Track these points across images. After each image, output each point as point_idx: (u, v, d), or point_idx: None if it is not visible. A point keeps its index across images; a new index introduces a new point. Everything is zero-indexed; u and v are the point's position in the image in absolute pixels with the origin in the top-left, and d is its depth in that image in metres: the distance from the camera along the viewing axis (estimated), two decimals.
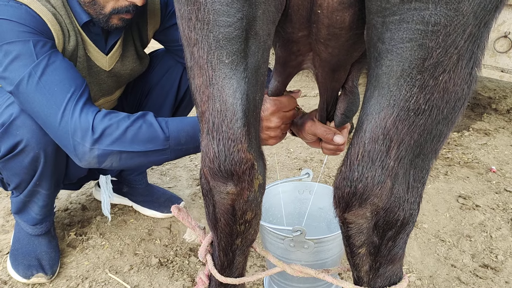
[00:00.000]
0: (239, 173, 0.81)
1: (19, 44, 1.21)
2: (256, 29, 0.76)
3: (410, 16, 0.66)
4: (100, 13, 1.31)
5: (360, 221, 0.81)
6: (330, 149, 1.21)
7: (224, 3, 0.72)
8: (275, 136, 1.18)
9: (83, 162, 1.23)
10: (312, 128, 1.18)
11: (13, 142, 1.30)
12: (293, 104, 1.16)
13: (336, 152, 1.22)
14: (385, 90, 0.72)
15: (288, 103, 1.14)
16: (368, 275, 0.90)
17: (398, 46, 0.69)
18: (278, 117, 1.14)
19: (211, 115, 0.79)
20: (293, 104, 1.16)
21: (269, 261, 1.40)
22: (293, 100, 1.16)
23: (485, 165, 2.42)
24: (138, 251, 1.69)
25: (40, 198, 1.48)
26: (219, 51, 0.75)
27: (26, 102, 1.23)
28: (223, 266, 1.00)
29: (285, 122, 1.17)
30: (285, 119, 1.16)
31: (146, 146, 1.24)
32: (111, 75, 1.53)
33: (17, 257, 1.56)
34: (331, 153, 1.22)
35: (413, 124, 0.73)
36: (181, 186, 2.18)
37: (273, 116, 1.13)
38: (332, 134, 1.14)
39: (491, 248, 1.74)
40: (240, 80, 0.77)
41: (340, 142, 1.14)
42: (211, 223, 0.94)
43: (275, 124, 1.14)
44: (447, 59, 0.69)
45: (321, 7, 0.78)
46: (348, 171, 0.77)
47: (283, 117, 1.15)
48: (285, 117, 1.16)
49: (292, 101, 1.15)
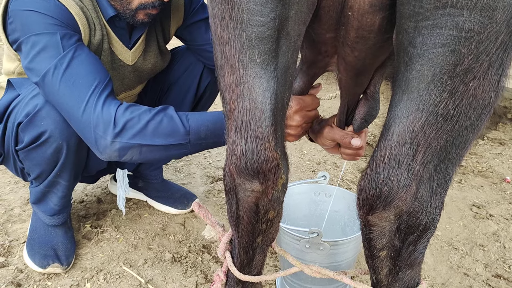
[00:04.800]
0: (265, 171, 0.82)
1: (47, 36, 1.23)
2: (288, 29, 0.77)
3: (443, 21, 0.67)
4: (127, 8, 1.33)
5: (383, 224, 0.81)
6: (349, 154, 1.21)
7: (258, 2, 0.73)
8: (295, 134, 1.18)
9: (104, 155, 1.25)
10: (330, 134, 1.19)
11: (37, 132, 1.32)
12: (316, 104, 1.17)
13: (355, 157, 1.22)
14: (415, 94, 0.72)
15: (312, 102, 1.15)
16: (387, 279, 0.90)
17: (430, 51, 0.69)
18: (301, 116, 1.14)
19: (240, 113, 0.80)
20: (316, 104, 1.17)
21: (284, 261, 1.41)
22: (316, 100, 1.16)
23: (500, 175, 2.41)
24: (152, 246, 1.71)
25: (60, 189, 1.50)
26: (251, 50, 0.76)
27: (50, 94, 1.25)
28: (242, 264, 1.00)
29: (307, 121, 1.17)
30: (307, 118, 1.16)
31: (167, 139, 1.25)
32: (133, 69, 1.55)
33: (33, 246, 1.58)
34: (350, 158, 1.23)
35: (440, 129, 0.74)
36: (195, 183, 2.19)
37: (295, 115, 1.14)
38: (349, 137, 1.14)
39: (504, 258, 1.74)
40: (270, 80, 0.78)
41: (357, 145, 1.14)
42: (233, 220, 0.95)
43: (297, 122, 1.15)
44: (478, 66, 0.69)
45: (351, 9, 0.78)
46: (374, 174, 0.78)
47: (305, 116, 1.15)
48: (307, 116, 1.16)
49: (316, 101, 1.16)
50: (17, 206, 1.91)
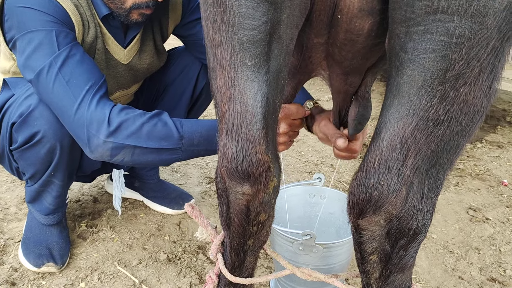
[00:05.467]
0: (255, 174, 0.82)
1: (42, 33, 1.22)
2: (280, 33, 0.77)
3: (434, 27, 0.67)
4: (121, 7, 1.33)
5: (373, 228, 0.81)
6: (339, 153, 1.21)
7: (250, 6, 0.73)
8: (283, 142, 1.18)
9: (96, 153, 1.23)
10: (324, 128, 1.19)
11: (30, 132, 1.32)
12: (301, 114, 1.16)
13: (348, 157, 1.22)
14: (405, 99, 0.72)
15: (297, 111, 1.15)
16: (377, 283, 0.90)
17: (421, 56, 0.69)
18: (286, 124, 1.14)
19: (231, 116, 0.80)
20: (301, 114, 1.16)
21: (277, 263, 1.41)
22: (301, 110, 1.16)
23: (497, 178, 2.41)
24: (147, 246, 1.71)
25: (54, 189, 1.50)
26: (242, 53, 0.76)
27: (44, 92, 1.24)
28: (233, 266, 1.00)
29: (293, 130, 1.17)
30: (293, 126, 1.16)
31: (161, 143, 1.25)
32: (128, 68, 1.55)
33: (28, 245, 1.58)
34: (341, 157, 1.22)
35: (431, 134, 0.73)
36: (192, 184, 2.19)
37: (281, 122, 1.14)
38: (336, 137, 1.14)
39: (499, 262, 1.73)
40: (262, 83, 0.78)
41: (340, 145, 1.12)
42: (224, 222, 0.95)
43: (283, 130, 1.15)
44: (469, 72, 0.69)
45: (341, 12, 0.79)
46: (364, 178, 0.77)
47: (291, 124, 1.15)
48: (293, 124, 1.16)
49: (301, 110, 1.15)
50: (13, 205, 1.91)
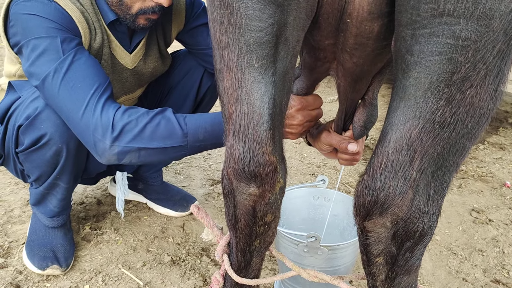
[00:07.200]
0: (262, 175, 0.83)
1: (47, 39, 1.23)
2: (286, 35, 0.77)
3: (440, 30, 0.67)
4: (127, 13, 1.34)
5: (379, 230, 0.82)
6: (346, 159, 1.22)
7: (257, 8, 0.74)
8: (296, 132, 1.19)
9: (103, 158, 1.25)
10: (327, 139, 1.19)
11: (37, 135, 1.33)
12: (319, 103, 1.17)
13: (352, 162, 1.23)
14: (412, 101, 0.73)
15: (314, 101, 1.15)
16: (383, 285, 0.90)
17: (427, 59, 0.70)
18: (302, 115, 1.14)
19: (238, 117, 0.80)
20: (318, 103, 1.16)
21: (282, 265, 1.41)
22: (319, 99, 1.16)
23: (500, 180, 2.41)
24: (151, 248, 1.71)
25: (59, 191, 1.51)
26: (249, 55, 0.77)
27: (50, 97, 1.25)
28: (239, 267, 1.01)
29: (309, 120, 1.17)
30: (310, 117, 1.16)
31: (165, 142, 1.26)
32: (133, 73, 1.56)
33: (33, 248, 1.58)
34: (347, 163, 1.23)
35: (437, 136, 0.74)
36: (195, 186, 2.20)
37: (297, 113, 1.14)
38: (346, 143, 1.15)
39: (503, 263, 1.73)
40: (268, 84, 0.79)
41: (354, 150, 1.15)
42: (230, 223, 0.95)
43: (298, 121, 1.15)
44: (475, 74, 0.70)
45: (350, 16, 0.79)
46: (371, 180, 0.78)
47: (307, 115, 1.15)
48: (310, 115, 1.16)
49: (318, 100, 1.16)
50: (17, 207, 1.91)
